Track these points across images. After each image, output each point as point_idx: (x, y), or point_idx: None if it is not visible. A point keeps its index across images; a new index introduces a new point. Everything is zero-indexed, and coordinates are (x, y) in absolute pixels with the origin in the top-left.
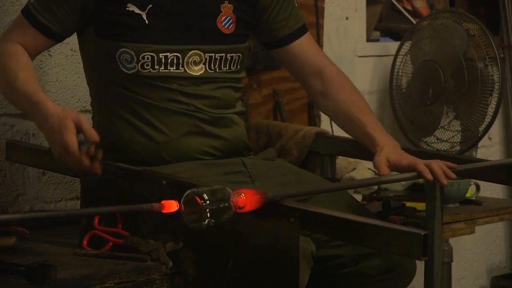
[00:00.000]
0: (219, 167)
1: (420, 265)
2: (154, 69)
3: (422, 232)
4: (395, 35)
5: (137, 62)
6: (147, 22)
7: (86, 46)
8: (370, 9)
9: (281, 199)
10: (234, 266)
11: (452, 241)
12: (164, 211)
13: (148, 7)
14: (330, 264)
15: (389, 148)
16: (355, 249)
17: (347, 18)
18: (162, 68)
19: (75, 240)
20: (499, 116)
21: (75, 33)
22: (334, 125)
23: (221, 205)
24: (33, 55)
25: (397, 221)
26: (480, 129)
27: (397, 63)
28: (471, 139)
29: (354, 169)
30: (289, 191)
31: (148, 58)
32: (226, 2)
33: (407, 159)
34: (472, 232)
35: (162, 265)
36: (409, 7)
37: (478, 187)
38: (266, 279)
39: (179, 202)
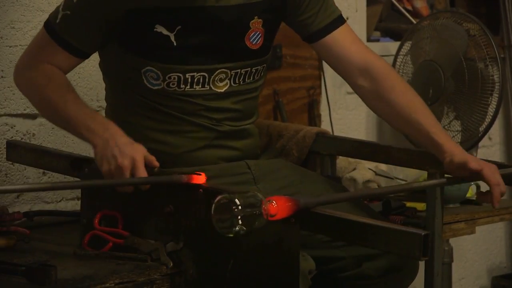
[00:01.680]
0: (223, 169)
1: (420, 265)
2: (179, 88)
3: (423, 232)
4: (395, 35)
5: (163, 81)
6: (175, 44)
7: (107, 56)
8: (370, 9)
9: (313, 207)
10: (235, 267)
11: (452, 241)
12: (193, 181)
13: (177, 28)
14: (332, 266)
15: (461, 152)
16: (357, 250)
17: (347, 18)
18: (188, 87)
19: (75, 240)
20: (500, 116)
21: None
22: (334, 125)
23: (253, 212)
24: (66, 72)
25: (397, 221)
26: (481, 129)
27: (398, 63)
28: (472, 139)
29: (354, 169)
30: (320, 198)
31: (174, 78)
32: (255, 18)
33: (487, 168)
34: (473, 232)
35: (163, 265)
36: (410, 7)
37: (478, 187)
38: (267, 279)
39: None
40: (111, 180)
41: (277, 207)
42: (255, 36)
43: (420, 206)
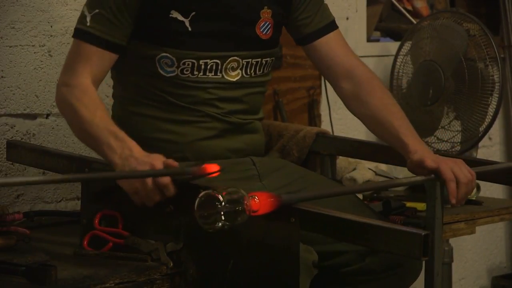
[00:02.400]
0: (228, 164)
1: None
2: (193, 74)
3: (423, 232)
4: (395, 35)
5: (177, 67)
6: (190, 29)
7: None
8: (371, 9)
9: (295, 203)
10: (235, 266)
11: (452, 241)
12: (206, 172)
13: (192, 14)
14: (336, 261)
15: (424, 151)
16: (359, 246)
17: (347, 18)
18: (201, 74)
19: (75, 240)
20: (500, 116)
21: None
22: (334, 125)
23: (235, 208)
24: (102, 78)
25: (397, 221)
26: (481, 129)
27: (398, 63)
28: (472, 139)
29: (354, 169)
30: (302, 194)
31: (188, 64)
32: (265, 7)
33: (444, 164)
34: (473, 232)
35: (163, 265)
36: (410, 7)
37: (478, 187)
38: (267, 279)
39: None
40: (123, 172)
41: (259, 203)
42: (265, 26)
43: (420, 206)
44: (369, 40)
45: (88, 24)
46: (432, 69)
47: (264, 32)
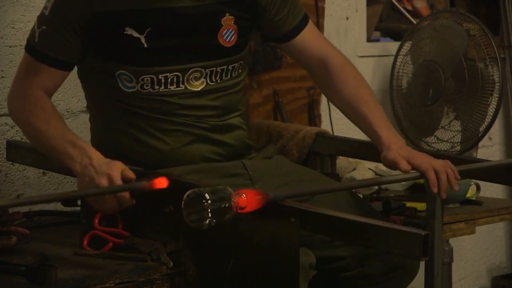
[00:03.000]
0: (220, 170)
1: (420, 266)
2: (154, 89)
3: (423, 232)
4: (395, 35)
5: (137, 83)
6: (146, 45)
7: (83, 64)
8: (371, 9)
9: (282, 200)
10: (235, 266)
11: (452, 241)
12: (155, 187)
13: (147, 30)
14: (333, 266)
15: (397, 146)
16: (358, 250)
17: (347, 18)
18: (162, 87)
19: (75, 240)
20: (500, 116)
21: None
22: (334, 125)
23: (222, 205)
24: (54, 91)
25: (397, 221)
26: (481, 129)
27: (398, 63)
28: (472, 139)
29: (354, 169)
30: (290, 191)
31: (147, 80)
32: (227, 14)
33: (418, 159)
34: (473, 232)
35: (163, 265)
36: (410, 7)
37: (478, 187)
38: (267, 279)
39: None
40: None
41: (246, 200)
42: (228, 33)
43: (420, 206)
44: (369, 40)
45: (36, 40)
46: (432, 69)
47: (227, 40)
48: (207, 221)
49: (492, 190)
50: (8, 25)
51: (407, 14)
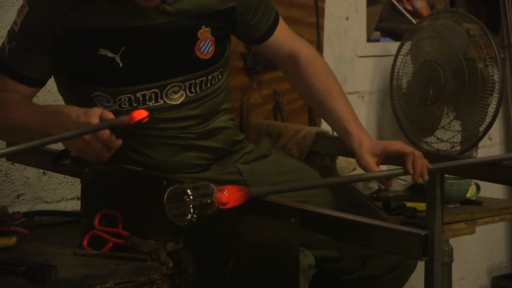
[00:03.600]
0: (213, 180)
1: (420, 265)
2: (132, 106)
3: (423, 232)
4: (395, 35)
5: (114, 103)
6: (121, 65)
7: (60, 83)
8: (371, 9)
9: (264, 195)
10: (235, 266)
11: (452, 241)
12: (135, 120)
13: (121, 49)
14: (335, 267)
15: (368, 143)
16: (358, 250)
17: (347, 18)
18: (141, 105)
19: (75, 240)
20: (500, 116)
21: None
22: None
23: (204, 201)
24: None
25: (397, 221)
26: (481, 129)
27: (398, 63)
28: (472, 139)
29: (354, 169)
30: (272, 187)
31: (125, 99)
32: (203, 27)
33: (394, 145)
34: (473, 232)
35: (163, 265)
36: (410, 7)
37: (478, 187)
38: (267, 279)
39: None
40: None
41: (228, 195)
42: (205, 46)
43: (420, 206)
44: (369, 40)
45: (6, 55)
46: (432, 69)
47: (205, 52)
48: (189, 216)
49: (492, 190)
50: (8, 25)
51: (407, 14)
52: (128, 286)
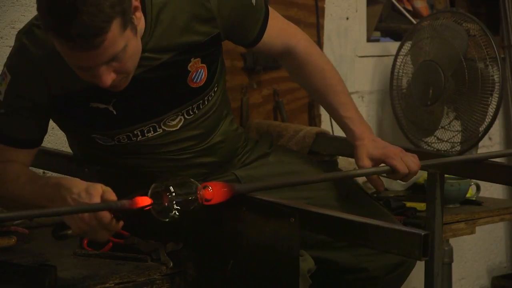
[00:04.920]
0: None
1: (420, 265)
2: (131, 140)
3: (423, 233)
4: (395, 35)
5: (113, 140)
6: (115, 113)
7: (57, 122)
8: (371, 9)
9: (248, 192)
10: (235, 266)
11: (452, 241)
12: (137, 206)
13: (113, 101)
14: (335, 268)
15: (368, 145)
16: (359, 251)
17: (347, 18)
18: (140, 137)
19: (75, 240)
20: (500, 116)
21: None
22: (334, 125)
23: (187, 198)
24: (27, 165)
25: (397, 221)
26: (481, 129)
27: (398, 63)
28: (472, 139)
29: (354, 169)
30: (256, 184)
31: (123, 137)
32: (192, 60)
33: (391, 159)
34: (473, 232)
35: (163, 265)
36: (410, 7)
37: (478, 187)
38: (267, 279)
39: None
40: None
41: (212, 192)
42: (197, 75)
43: (420, 206)
44: (369, 40)
45: None
46: (432, 69)
47: (198, 81)
48: (173, 212)
49: (492, 190)
50: (8, 25)
51: (407, 14)
52: (128, 286)
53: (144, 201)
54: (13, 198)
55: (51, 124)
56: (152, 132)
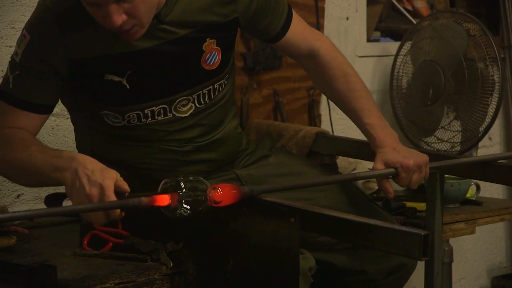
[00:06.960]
0: (213, 182)
1: (420, 265)
2: (141, 122)
3: (423, 233)
4: (395, 35)
5: (123, 119)
6: (128, 87)
7: (67, 101)
8: (371, 9)
9: (258, 194)
10: (235, 266)
11: (452, 241)
12: (155, 204)
13: (127, 73)
14: (335, 270)
15: (387, 151)
16: (360, 254)
17: (347, 18)
18: (150, 119)
19: (75, 240)
20: (500, 116)
21: None
22: (334, 125)
23: (197, 197)
24: (35, 133)
25: (397, 221)
26: (481, 129)
27: (398, 63)
28: (472, 139)
29: (354, 169)
30: (266, 186)
31: (134, 116)
32: (207, 39)
33: (406, 163)
34: (473, 232)
35: (163, 265)
36: (410, 7)
37: (478, 187)
38: (267, 279)
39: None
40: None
41: (222, 194)
42: (211, 57)
43: (420, 206)
44: (369, 40)
45: (10, 86)
46: (432, 69)
47: (211, 63)
48: (181, 210)
49: (492, 190)
50: (8, 25)
51: (407, 14)
52: (128, 286)
53: (164, 200)
54: (21, 165)
55: (51, 124)
56: (162, 115)
